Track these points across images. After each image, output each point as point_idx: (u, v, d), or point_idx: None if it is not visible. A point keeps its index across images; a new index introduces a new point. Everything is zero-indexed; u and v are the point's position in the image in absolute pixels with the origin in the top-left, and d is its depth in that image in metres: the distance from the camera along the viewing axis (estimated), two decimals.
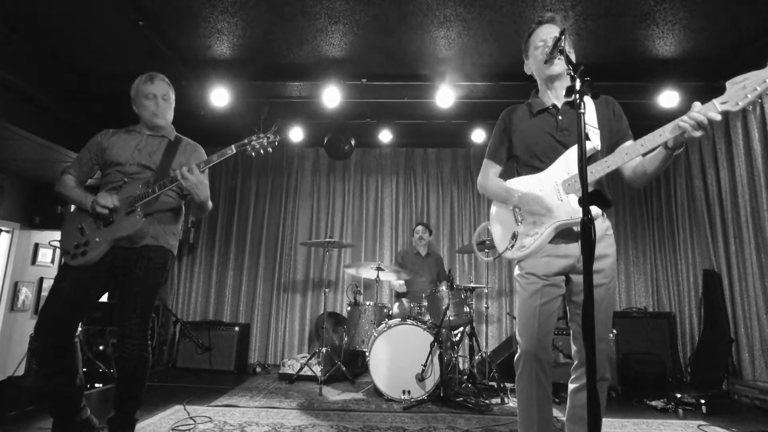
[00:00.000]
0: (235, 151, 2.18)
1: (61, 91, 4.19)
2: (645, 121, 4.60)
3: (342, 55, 3.80)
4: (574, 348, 1.69)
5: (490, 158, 1.87)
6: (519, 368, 1.64)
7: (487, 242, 3.92)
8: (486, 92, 4.22)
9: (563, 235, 1.64)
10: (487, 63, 3.86)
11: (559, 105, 1.73)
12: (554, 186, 1.64)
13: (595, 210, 1.54)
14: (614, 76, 3.86)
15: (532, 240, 1.65)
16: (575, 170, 1.57)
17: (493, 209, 1.84)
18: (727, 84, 1.33)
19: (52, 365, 2.06)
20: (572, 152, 1.63)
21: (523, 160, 1.77)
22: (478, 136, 4.86)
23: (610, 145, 1.69)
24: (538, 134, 1.73)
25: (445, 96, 4.02)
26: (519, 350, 1.65)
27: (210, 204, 2.30)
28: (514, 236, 1.70)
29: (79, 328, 2.18)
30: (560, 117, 1.71)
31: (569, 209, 1.60)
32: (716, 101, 1.33)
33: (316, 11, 3.22)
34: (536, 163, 1.71)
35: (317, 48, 3.69)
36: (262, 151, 2.21)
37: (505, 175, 1.85)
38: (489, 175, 1.87)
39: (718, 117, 1.32)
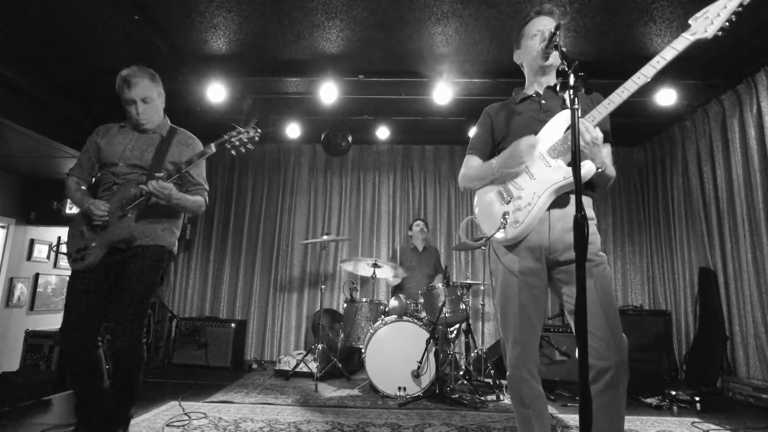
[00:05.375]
0: (214, 149, 2.15)
1: (56, 85, 4.17)
2: (642, 119, 4.66)
3: (339, 51, 3.78)
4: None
5: (471, 151, 1.85)
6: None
7: (477, 233, 3.92)
8: (483, 89, 4.21)
9: (556, 204, 1.59)
10: (485, 60, 3.84)
11: (541, 91, 1.73)
12: (538, 156, 1.61)
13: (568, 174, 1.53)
14: (611, 73, 3.83)
15: (526, 213, 1.58)
16: (558, 137, 1.59)
17: (476, 198, 1.78)
18: (690, 21, 1.45)
19: (77, 366, 2.09)
20: (552, 122, 1.62)
21: (507, 145, 1.71)
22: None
23: None
24: (522, 119, 1.71)
25: (443, 93, 4.01)
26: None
27: (200, 209, 2.30)
28: (505, 215, 1.62)
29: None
30: (543, 101, 1.71)
31: (562, 171, 1.56)
32: (685, 34, 1.44)
33: (313, 6, 3.21)
34: None
35: (314, 44, 3.67)
36: (242, 149, 2.17)
37: None
38: (470, 164, 1.84)
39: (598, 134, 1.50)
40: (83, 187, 2.26)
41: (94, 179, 2.32)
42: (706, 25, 1.42)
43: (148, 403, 3.05)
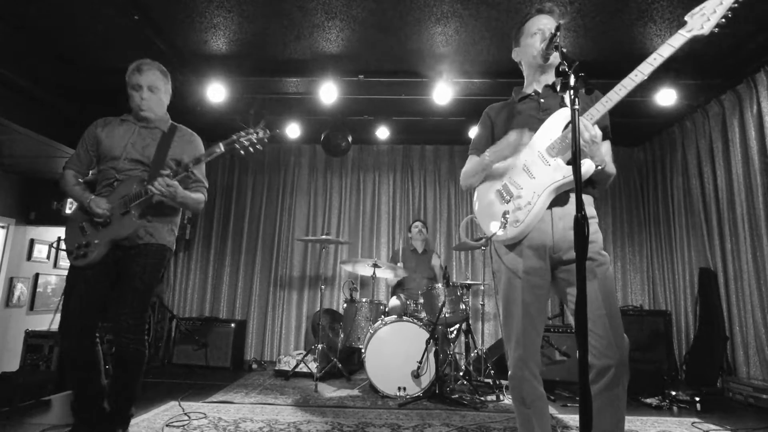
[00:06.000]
0: (223, 149, 2.15)
1: (56, 85, 4.17)
2: (642, 119, 4.66)
3: (339, 51, 3.78)
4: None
5: (472, 151, 1.87)
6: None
7: (477, 233, 3.92)
8: (483, 89, 4.21)
9: (558, 202, 1.59)
10: (485, 60, 3.84)
11: (540, 90, 1.73)
12: (538, 155, 1.61)
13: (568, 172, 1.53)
14: (611, 73, 3.81)
15: (526, 212, 1.59)
16: (556, 135, 1.59)
17: (477, 197, 1.78)
18: (687, 17, 1.45)
19: (75, 364, 2.09)
20: (550, 121, 1.63)
21: None
22: (474, 134, 4.85)
23: None
24: (521, 118, 1.72)
25: (442, 93, 4.01)
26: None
27: (200, 206, 2.32)
28: (505, 215, 1.63)
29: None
30: (542, 100, 1.71)
31: (562, 170, 1.56)
32: (682, 31, 1.44)
33: (313, 6, 3.20)
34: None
35: (314, 44, 3.67)
36: (251, 149, 2.17)
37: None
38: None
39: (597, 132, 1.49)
40: (81, 181, 2.26)
41: (91, 173, 2.31)
42: (702, 21, 1.41)
43: (147, 403, 3.05)
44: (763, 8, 3.04)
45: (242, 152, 2.17)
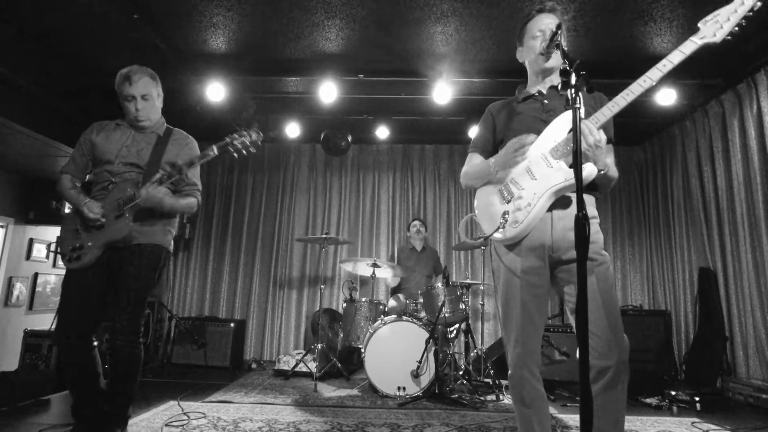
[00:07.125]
0: (217, 152, 2.14)
1: (56, 85, 4.16)
2: (642, 119, 4.66)
3: (339, 50, 3.77)
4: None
5: (473, 149, 1.86)
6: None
7: (476, 232, 3.92)
8: (483, 89, 4.20)
9: (558, 204, 1.58)
10: (485, 59, 3.84)
11: (545, 91, 1.72)
12: (541, 156, 1.60)
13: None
14: (611, 73, 3.86)
15: (526, 213, 1.58)
16: (561, 137, 1.57)
17: (477, 195, 1.77)
18: (699, 24, 1.42)
19: (73, 367, 2.08)
20: (556, 123, 1.61)
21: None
22: (475, 132, 4.85)
23: None
24: (523, 118, 1.71)
25: (442, 92, 4.01)
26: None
27: (192, 210, 2.32)
28: (505, 215, 1.62)
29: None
30: (546, 101, 1.70)
31: (563, 172, 1.54)
32: (694, 38, 1.41)
33: (313, 5, 3.20)
34: None
35: (314, 43, 3.67)
36: (244, 152, 2.15)
37: None
38: (471, 162, 1.84)
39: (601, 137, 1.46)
40: (78, 185, 2.25)
41: (87, 177, 2.30)
42: (715, 29, 1.39)
43: (146, 402, 3.04)
44: (763, 8, 3.03)
45: (235, 155, 2.15)
